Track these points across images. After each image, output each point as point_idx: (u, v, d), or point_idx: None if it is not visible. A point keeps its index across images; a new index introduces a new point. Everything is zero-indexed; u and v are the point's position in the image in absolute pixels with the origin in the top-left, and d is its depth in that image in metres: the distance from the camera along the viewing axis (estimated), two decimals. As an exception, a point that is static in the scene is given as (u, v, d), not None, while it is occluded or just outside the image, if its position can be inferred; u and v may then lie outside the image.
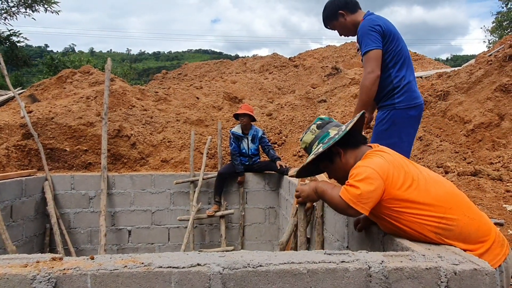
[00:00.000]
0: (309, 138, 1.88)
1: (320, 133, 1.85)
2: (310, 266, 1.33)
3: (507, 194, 3.19)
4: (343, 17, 2.53)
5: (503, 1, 18.96)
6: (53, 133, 5.75)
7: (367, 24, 2.39)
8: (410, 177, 1.58)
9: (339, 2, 2.53)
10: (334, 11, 2.54)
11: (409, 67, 2.46)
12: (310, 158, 1.80)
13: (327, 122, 1.89)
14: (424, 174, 1.64)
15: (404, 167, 1.62)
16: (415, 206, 1.54)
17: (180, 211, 5.43)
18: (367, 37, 2.35)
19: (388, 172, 1.56)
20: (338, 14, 2.53)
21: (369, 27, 2.36)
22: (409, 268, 1.34)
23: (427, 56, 12.35)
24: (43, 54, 27.23)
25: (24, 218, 4.80)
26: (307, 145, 1.90)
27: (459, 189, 3.36)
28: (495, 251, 1.53)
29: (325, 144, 1.77)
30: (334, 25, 2.60)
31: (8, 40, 15.46)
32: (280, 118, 7.44)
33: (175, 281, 1.30)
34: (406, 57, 2.45)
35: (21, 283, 1.26)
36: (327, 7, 2.59)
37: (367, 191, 1.52)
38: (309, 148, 1.90)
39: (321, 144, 1.80)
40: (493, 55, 5.95)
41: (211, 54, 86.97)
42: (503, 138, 4.46)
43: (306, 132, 1.92)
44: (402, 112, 2.36)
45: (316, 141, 1.85)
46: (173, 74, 12.29)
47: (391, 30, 2.40)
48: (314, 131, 1.88)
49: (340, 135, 1.74)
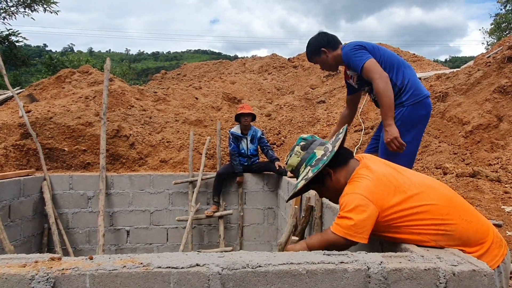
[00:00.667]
0: (295, 161, 1.82)
1: (305, 155, 1.79)
2: (309, 267, 1.33)
3: (505, 196, 3.20)
4: (325, 54, 2.69)
5: (502, 3, 19.03)
6: (51, 133, 5.74)
7: (348, 48, 2.56)
8: (401, 190, 1.54)
9: (322, 40, 2.70)
10: (317, 48, 2.70)
11: (406, 67, 2.55)
12: (301, 184, 1.74)
13: (311, 142, 1.83)
14: (415, 182, 1.59)
15: (393, 182, 1.57)
16: (411, 218, 1.52)
17: (178, 212, 5.42)
18: (354, 57, 2.50)
19: (378, 194, 1.52)
20: (321, 51, 2.70)
21: (352, 49, 2.53)
22: (408, 269, 1.34)
23: (426, 58, 12.36)
24: (42, 54, 27.20)
25: (22, 218, 4.79)
26: (294, 168, 1.84)
27: (457, 190, 3.38)
28: (494, 252, 1.53)
29: (314, 167, 1.72)
30: (316, 60, 2.77)
31: (7, 39, 15.43)
32: (279, 119, 7.45)
33: (174, 281, 1.30)
34: (398, 59, 2.56)
35: (20, 283, 1.25)
36: (310, 44, 2.75)
37: (361, 220, 1.48)
38: (296, 171, 1.84)
39: (309, 167, 1.75)
40: (491, 57, 5.97)
41: (210, 54, 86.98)
42: (501, 140, 4.47)
43: (291, 154, 1.85)
44: (411, 109, 2.43)
45: (303, 163, 1.79)
46: (172, 74, 12.29)
47: (372, 45, 2.59)
48: (299, 153, 1.82)
49: (329, 157, 1.69)
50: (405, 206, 1.52)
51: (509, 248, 1.62)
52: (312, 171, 1.71)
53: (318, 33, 2.78)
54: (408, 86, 2.46)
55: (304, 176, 1.75)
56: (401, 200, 1.52)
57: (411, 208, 1.52)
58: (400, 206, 1.52)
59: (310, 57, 2.81)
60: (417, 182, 1.59)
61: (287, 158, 1.87)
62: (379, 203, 1.51)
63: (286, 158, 1.88)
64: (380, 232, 1.59)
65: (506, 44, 5.90)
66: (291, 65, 11.41)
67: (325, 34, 2.75)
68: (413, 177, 1.64)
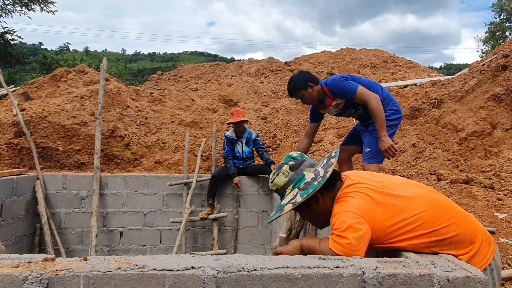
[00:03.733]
0: (282, 181, 1.72)
1: (294, 176, 1.71)
2: (304, 271, 1.33)
3: (498, 203, 3.22)
4: (312, 88, 3.05)
5: (496, 12, 19.28)
6: (46, 131, 5.70)
7: (337, 81, 3.01)
8: (391, 205, 1.54)
9: (308, 76, 3.11)
10: (305, 83, 3.05)
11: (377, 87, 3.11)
12: (288, 208, 1.64)
13: (300, 162, 1.74)
14: (402, 191, 1.59)
15: (381, 195, 1.56)
16: (403, 231, 1.52)
17: (172, 213, 5.40)
18: (346, 86, 2.95)
19: (369, 211, 1.52)
20: (308, 85, 3.05)
21: (341, 81, 2.99)
22: (403, 275, 1.35)
23: (421, 64, 12.48)
24: (37, 52, 27.01)
25: (14, 217, 4.74)
26: (279, 187, 1.73)
27: (451, 196, 3.40)
28: (484, 251, 1.55)
29: (302, 191, 1.64)
30: (302, 94, 3.08)
31: (2, 37, 15.30)
32: (275, 122, 7.46)
33: (169, 284, 1.29)
34: (370, 83, 3.11)
35: (13, 284, 1.24)
36: (297, 79, 3.08)
37: (357, 238, 1.47)
38: (281, 191, 1.73)
39: (297, 189, 1.67)
40: (486, 65, 6.04)
41: (207, 56, 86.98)
42: (495, 147, 4.52)
43: (278, 173, 1.74)
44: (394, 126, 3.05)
45: (290, 184, 1.70)
46: (169, 76, 12.27)
47: (351, 76, 3.10)
48: (287, 173, 1.71)
49: (320, 183, 1.63)
50: (396, 220, 1.52)
51: (507, 254, 1.63)
52: (300, 195, 1.64)
53: (301, 72, 3.23)
54: (387, 100, 3.07)
55: (291, 199, 1.66)
56: (392, 214, 1.52)
57: (403, 220, 1.52)
58: (392, 220, 1.52)
59: (295, 92, 3.11)
60: (404, 191, 1.59)
61: (273, 176, 1.75)
62: (372, 220, 1.51)
63: (272, 177, 1.76)
64: (376, 248, 1.60)
65: (501, 53, 5.98)
66: (288, 68, 11.44)
67: (308, 73, 3.20)
68: (400, 186, 1.63)
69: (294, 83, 3.11)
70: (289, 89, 3.16)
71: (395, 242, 1.54)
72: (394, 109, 3.07)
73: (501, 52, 6.25)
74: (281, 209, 1.67)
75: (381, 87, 3.19)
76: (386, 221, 1.52)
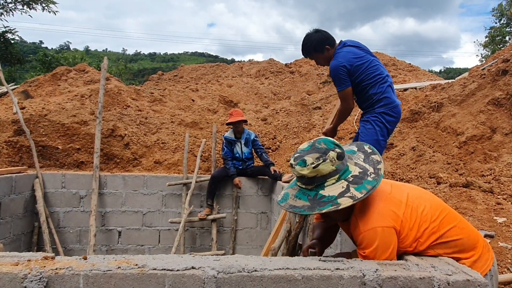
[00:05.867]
0: (328, 168, 1.49)
1: (340, 166, 1.52)
2: (305, 273, 1.33)
3: (497, 207, 3.23)
4: (328, 51, 2.95)
5: (497, 17, 19.33)
6: (45, 130, 5.69)
7: (336, 65, 2.86)
8: (414, 209, 1.54)
9: (325, 38, 2.95)
10: (321, 46, 2.93)
11: (383, 80, 2.93)
12: (348, 204, 1.44)
13: (344, 152, 1.57)
14: (410, 196, 1.58)
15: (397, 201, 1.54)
16: (412, 236, 1.53)
17: (171, 214, 5.39)
18: (338, 79, 2.87)
19: (392, 218, 1.49)
20: (325, 48, 2.94)
21: (338, 69, 2.84)
22: (403, 277, 1.35)
23: (421, 68, 12.49)
24: (37, 51, 26.99)
25: (12, 215, 4.73)
26: (319, 175, 1.50)
27: (450, 200, 3.40)
28: (485, 257, 1.57)
29: (356, 185, 1.48)
30: (317, 56, 2.99)
31: (3, 36, 15.29)
32: (275, 124, 7.46)
33: (169, 283, 1.29)
34: (377, 73, 2.91)
35: (12, 282, 1.23)
36: (315, 40, 2.94)
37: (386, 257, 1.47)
38: (320, 179, 1.50)
39: (345, 182, 1.50)
40: (486, 69, 6.05)
41: (207, 57, 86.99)
42: (494, 151, 4.52)
43: (324, 159, 1.49)
44: (381, 116, 2.89)
45: (336, 175, 1.51)
46: (169, 76, 12.26)
47: (354, 64, 2.86)
48: (334, 161, 1.51)
49: (378, 182, 1.50)
50: (421, 229, 1.53)
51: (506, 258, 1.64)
52: (356, 189, 1.47)
53: (318, 31, 2.99)
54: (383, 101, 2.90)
55: (342, 192, 1.48)
56: (414, 221, 1.53)
57: (412, 227, 1.52)
58: (415, 230, 1.53)
59: (310, 53, 2.98)
60: (412, 195, 1.59)
61: (317, 162, 1.49)
62: (396, 225, 1.50)
63: (315, 162, 1.50)
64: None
65: (501, 57, 5.98)
66: (288, 70, 11.45)
67: (324, 32, 2.99)
68: (406, 191, 1.62)
69: (310, 43, 2.95)
70: (304, 49, 2.99)
71: (404, 250, 1.54)
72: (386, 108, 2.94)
73: (501, 56, 6.26)
74: (333, 201, 1.46)
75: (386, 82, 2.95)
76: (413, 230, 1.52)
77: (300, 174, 1.52)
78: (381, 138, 2.92)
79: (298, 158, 1.54)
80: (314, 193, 1.51)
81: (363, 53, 2.94)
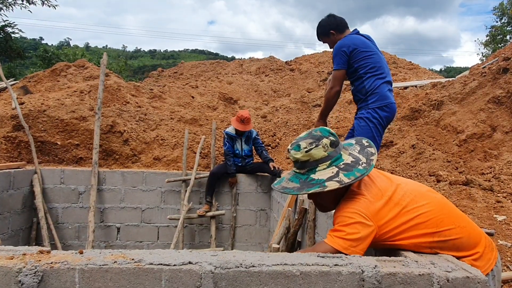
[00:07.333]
0: (320, 154, 1.56)
1: (333, 153, 1.58)
2: (303, 268, 1.31)
3: (497, 205, 3.21)
4: (334, 36, 3.08)
5: (497, 16, 19.30)
6: (44, 126, 5.67)
7: (338, 45, 2.95)
8: (396, 202, 1.52)
9: (332, 23, 3.09)
10: (327, 30, 3.10)
11: (381, 75, 2.92)
12: (334, 187, 1.51)
13: (337, 141, 1.63)
14: (408, 190, 1.57)
15: (387, 193, 1.54)
16: (407, 230, 1.50)
17: (170, 210, 5.38)
18: (336, 57, 2.95)
19: (375, 210, 1.49)
20: (330, 33, 3.09)
21: (340, 49, 2.93)
22: (402, 274, 1.33)
23: (422, 66, 12.46)
24: (37, 47, 26.92)
25: (11, 211, 4.72)
26: (311, 159, 1.57)
27: (450, 198, 3.39)
28: (487, 256, 1.54)
29: (346, 172, 1.54)
30: (325, 40, 3.16)
31: (3, 31, 15.24)
32: (275, 121, 7.44)
33: (166, 278, 1.27)
34: (378, 67, 2.92)
35: (6, 276, 1.22)
36: (321, 25, 3.12)
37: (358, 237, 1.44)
38: (312, 163, 1.57)
39: (336, 168, 1.56)
40: (487, 67, 6.02)
41: (207, 54, 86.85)
42: (494, 149, 4.51)
43: (317, 144, 1.56)
44: (374, 112, 2.87)
45: (328, 160, 1.57)
46: (169, 73, 12.23)
47: (359, 49, 2.91)
48: (327, 147, 1.57)
49: (368, 170, 1.54)
50: (401, 220, 1.50)
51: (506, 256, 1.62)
52: (345, 175, 1.52)
53: (328, 16, 3.15)
54: (376, 92, 2.88)
55: (331, 176, 1.54)
56: (396, 214, 1.50)
57: (408, 221, 1.50)
58: (396, 222, 1.49)
59: (320, 37, 3.17)
60: (410, 191, 1.57)
61: (310, 146, 1.57)
62: (376, 219, 1.48)
63: (308, 146, 1.57)
64: (376, 244, 1.57)
65: (501, 56, 5.96)
66: (288, 68, 11.42)
67: (334, 18, 3.12)
68: (407, 186, 1.60)
69: (318, 27, 3.15)
70: (316, 33, 3.19)
71: (398, 242, 1.52)
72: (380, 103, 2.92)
73: (502, 55, 6.24)
74: (321, 183, 1.53)
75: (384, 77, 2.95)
76: (391, 221, 1.49)
77: (295, 158, 1.61)
78: (376, 135, 2.90)
79: (294, 144, 1.64)
80: (305, 177, 1.59)
81: (371, 45, 3.00)
